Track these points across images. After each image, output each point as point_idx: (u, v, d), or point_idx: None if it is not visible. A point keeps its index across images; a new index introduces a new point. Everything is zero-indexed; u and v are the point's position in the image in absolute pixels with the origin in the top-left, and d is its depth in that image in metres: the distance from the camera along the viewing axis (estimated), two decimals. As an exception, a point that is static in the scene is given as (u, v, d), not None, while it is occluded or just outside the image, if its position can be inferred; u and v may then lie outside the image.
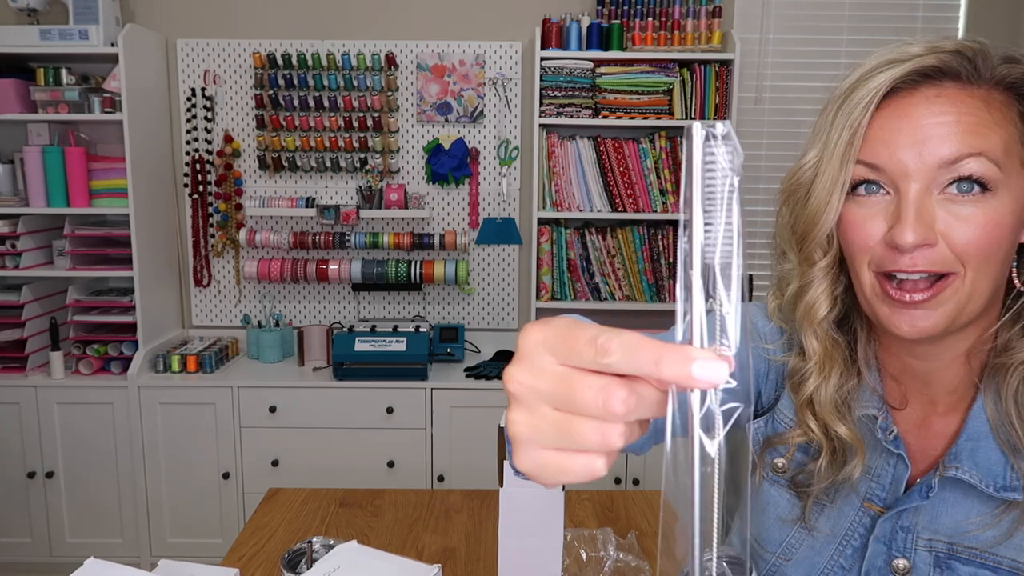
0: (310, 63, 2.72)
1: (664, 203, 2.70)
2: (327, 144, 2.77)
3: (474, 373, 2.64)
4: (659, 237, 2.75)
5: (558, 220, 2.78)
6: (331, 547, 0.87)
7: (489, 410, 2.50)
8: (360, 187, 2.80)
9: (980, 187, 0.63)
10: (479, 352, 2.88)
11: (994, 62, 0.64)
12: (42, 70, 2.52)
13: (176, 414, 2.54)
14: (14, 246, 2.55)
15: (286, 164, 2.81)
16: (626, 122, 2.63)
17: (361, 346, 2.54)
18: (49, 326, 2.56)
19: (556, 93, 2.62)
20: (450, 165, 2.81)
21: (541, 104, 2.63)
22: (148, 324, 2.64)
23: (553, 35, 2.62)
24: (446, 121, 2.81)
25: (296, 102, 2.75)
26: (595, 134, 2.72)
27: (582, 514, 1.39)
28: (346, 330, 2.61)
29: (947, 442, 0.73)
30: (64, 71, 2.53)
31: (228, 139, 2.80)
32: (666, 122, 2.63)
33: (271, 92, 2.74)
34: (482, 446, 2.48)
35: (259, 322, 2.90)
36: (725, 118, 2.62)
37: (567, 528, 0.95)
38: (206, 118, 2.81)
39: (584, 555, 1.05)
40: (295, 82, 2.73)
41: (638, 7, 2.61)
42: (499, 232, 2.88)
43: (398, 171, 2.84)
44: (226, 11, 2.78)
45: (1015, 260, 0.70)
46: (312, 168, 2.83)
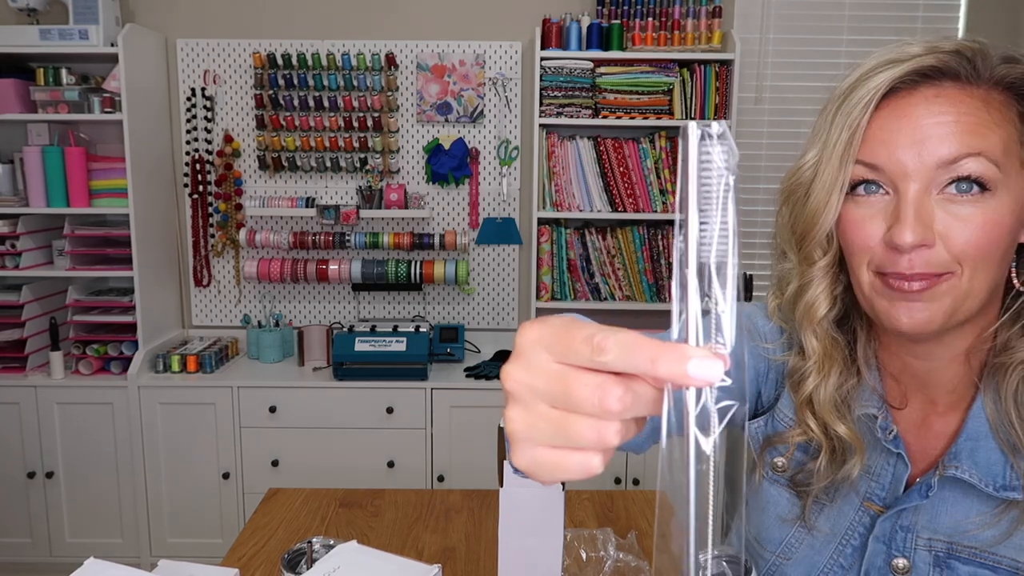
0: (310, 63, 2.72)
1: (664, 203, 2.70)
2: (327, 144, 2.78)
3: (474, 373, 2.64)
4: (659, 237, 2.75)
5: (558, 220, 2.78)
6: (331, 547, 0.87)
7: (489, 410, 2.50)
8: (360, 187, 2.80)
9: (979, 187, 0.63)
10: (479, 352, 2.88)
11: (993, 62, 0.64)
12: (42, 70, 2.53)
13: (176, 414, 2.54)
14: (14, 246, 2.55)
15: (286, 164, 2.81)
16: (626, 122, 2.63)
17: (361, 346, 2.54)
18: (49, 326, 2.56)
19: (556, 93, 2.62)
20: (450, 165, 2.81)
21: (541, 104, 2.63)
22: (148, 324, 2.64)
23: (553, 35, 2.62)
24: (446, 121, 2.81)
25: (296, 102, 2.75)
26: (595, 134, 2.72)
27: (582, 514, 1.39)
28: (346, 330, 2.61)
29: (947, 441, 0.73)
30: (64, 71, 2.53)
31: (228, 139, 2.80)
32: (666, 122, 2.63)
33: (271, 92, 2.74)
34: (482, 446, 2.48)
35: (259, 322, 2.90)
36: (725, 118, 2.62)
37: (567, 528, 0.94)
38: (206, 118, 2.81)
39: (584, 555, 1.05)
40: (295, 82, 2.73)
41: (638, 7, 2.61)
42: (499, 232, 2.88)
43: (398, 171, 2.84)
44: (226, 11, 2.78)
45: (1015, 260, 0.70)
46: (312, 168, 2.83)
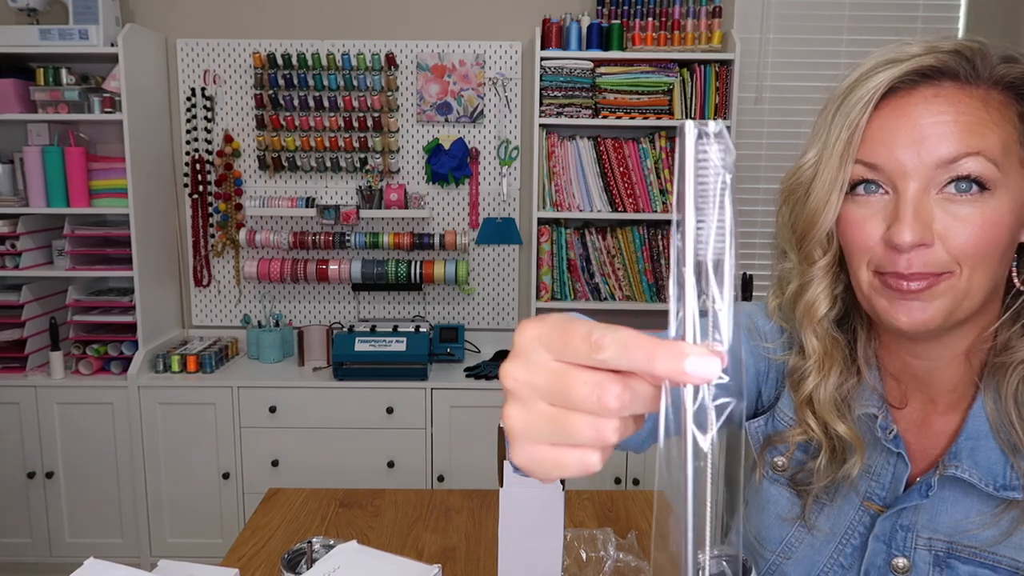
0: (310, 63, 2.72)
1: (664, 203, 2.70)
2: (327, 144, 2.77)
3: (474, 373, 2.64)
4: (659, 237, 2.75)
5: (558, 220, 2.78)
6: (331, 547, 0.87)
7: (489, 410, 2.50)
8: (360, 187, 2.80)
9: (978, 187, 0.63)
10: (479, 352, 2.88)
11: (993, 62, 0.64)
12: (42, 70, 2.53)
13: (176, 414, 2.54)
14: (14, 246, 2.55)
15: (286, 164, 2.81)
16: (626, 122, 2.63)
17: (361, 346, 2.54)
18: (49, 326, 2.56)
19: (556, 93, 2.62)
20: (450, 165, 2.81)
21: (541, 104, 2.63)
22: (148, 324, 2.64)
23: (553, 35, 2.62)
24: (446, 121, 2.81)
25: (296, 102, 2.75)
26: (595, 134, 2.72)
27: (582, 514, 1.39)
28: (346, 330, 2.61)
29: (947, 441, 0.73)
30: (64, 71, 2.53)
31: (228, 139, 2.80)
32: (666, 122, 2.63)
33: (271, 92, 2.74)
34: (482, 446, 2.48)
35: (259, 322, 2.90)
36: (725, 118, 2.62)
37: (567, 528, 0.94)
38: (206, 118, 2.81)
39: (584, 555, 1.05)
40: (295, 82, 2.73)
41: (638, 7, 2.61)
42: (499, 232, 2.88)
43: (398, 171, 2.84)
44: (226, 11, 2.78)
45: (1015, 259, 0.70)
46: (312, 168, 2.83)
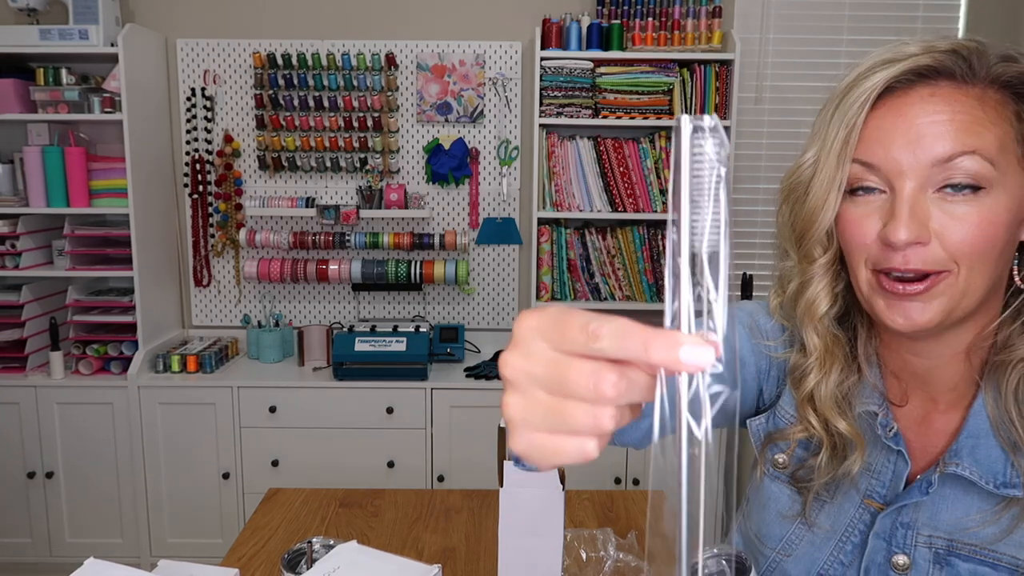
0: (310, 63, 2.72)
1: (664, 203, 2.69)
2: (327, 144, 2.78)
3: (474, 373, 2.64)
4: (659, 237, 2.75)
5: (558, 220, 2.78)
6: (331, 547, 0.87)
7: (489, 410, 2.50)
8: (360, 187, 2.80)
9: (974, 185, 0.63)
10: (479, 352, 2.88)
11: (990, 61, 0.64)
12: (42, 70, 2.53)
13: (176, 414, 2.54)
14: (14, 246, 2.55)
15: (286, 164, 2.81)
16: (626, 122, 2.63)
17: (361, 346, 2.54)
18: (49, 326, 2.56)
19: (556, 93, 2.62)
20: (450, 165, 2.81)
21: (541, 104, 2.63)
22: (148, 324, 2.64)
23: (553, 35, 2.62)
24: (446, 121, 2.81)
25: (296, 102, 2.75)
26: (595, 134, 2.72)
27: (582, 514, 1.39)
28: (346, 330, 2.61)
29: (947, 439, 0.73)
30: (64, 71, 2.53)
31: (228, 139, 2.81)
32: (666, 122, 2.63)
33: (271, 92, 2.74)
34: (482, 446, 2.48)
35: (259, 322, 2.90)
36: (725, 118, 2.62)
37: (567, 528, 0.94)
38: (206, 118, 2.82)
39: (584, 555, 1.05)
40: (295, 82, 2.73)
41: (638, 7, 2.61)
42: (499, 232, 2.88)
43: (398, 171, 2.84)
44: (226, 11, 2.78)
45: (1016, 257, 0.70)
46: (312, 168, 2.83)
